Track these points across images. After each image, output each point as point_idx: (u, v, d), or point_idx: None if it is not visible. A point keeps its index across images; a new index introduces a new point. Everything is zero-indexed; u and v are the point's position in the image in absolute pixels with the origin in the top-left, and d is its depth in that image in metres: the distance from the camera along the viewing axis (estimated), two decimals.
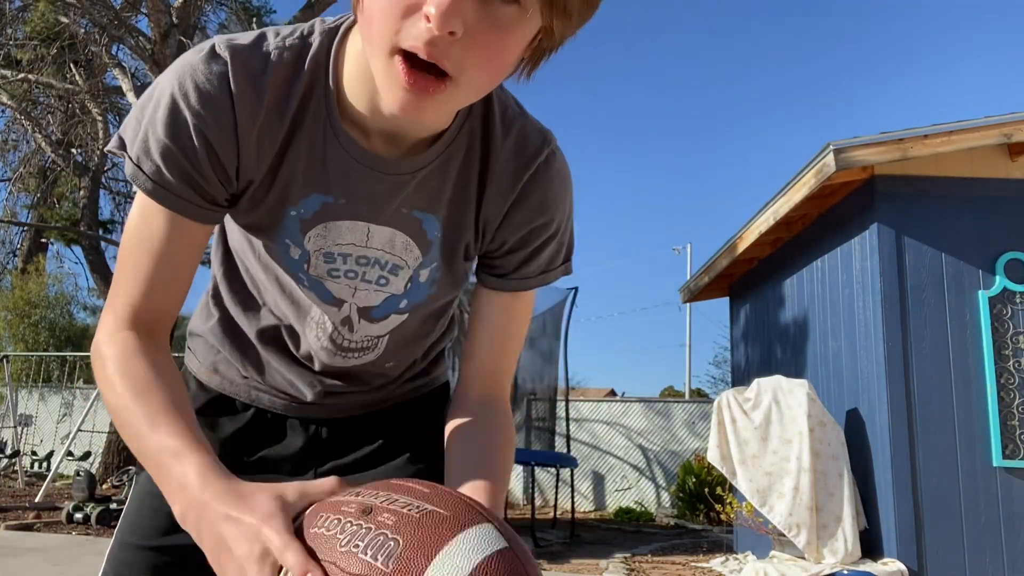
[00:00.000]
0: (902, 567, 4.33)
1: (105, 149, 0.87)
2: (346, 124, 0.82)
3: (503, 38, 0.67)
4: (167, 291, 0.82)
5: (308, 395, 1.01)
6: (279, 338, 0.99)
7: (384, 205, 0.86)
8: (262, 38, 0.80)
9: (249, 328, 0.99)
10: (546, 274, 0.95)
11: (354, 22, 0.80)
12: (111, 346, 0.79)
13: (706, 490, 8.93)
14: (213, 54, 0.77)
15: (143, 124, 0.77)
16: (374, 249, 0.89)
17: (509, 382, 0.98)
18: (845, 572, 4.37)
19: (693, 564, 6.15)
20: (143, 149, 0.77)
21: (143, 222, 0.80)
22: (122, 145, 0.79)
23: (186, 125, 0.76)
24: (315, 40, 0.81)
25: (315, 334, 0.96)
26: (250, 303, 0.98)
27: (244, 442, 1.03)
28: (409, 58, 0.67)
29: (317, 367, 0.99)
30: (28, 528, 6.61)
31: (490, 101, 0.87)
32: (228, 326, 1.01)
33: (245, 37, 0.80)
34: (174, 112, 0.75)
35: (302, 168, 0.83)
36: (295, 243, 0.87)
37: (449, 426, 0.93)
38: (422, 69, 0.67)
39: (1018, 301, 4.68)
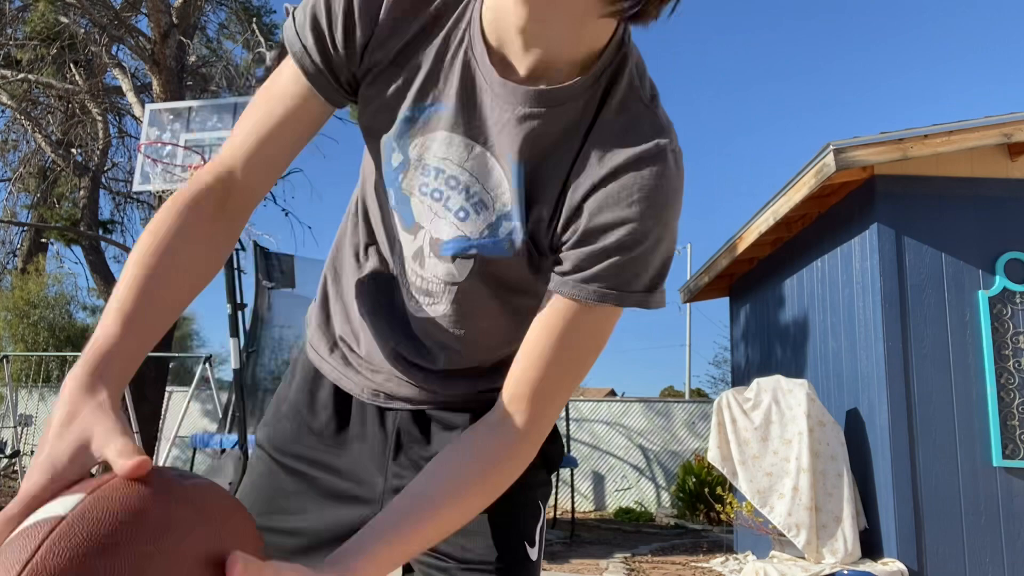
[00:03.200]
0: (902, 567, 4.33)
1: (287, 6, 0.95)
2: (484, 39, 0.81)
3: None
4: (265, 151, 0.85)
5: (383, 371, 1.02)
6: (377, 286, 0.99)
7: (495, 134, 0.83)
8: None
9: (358, 272, 1.01)
10: (614, 292, 0.81)
11: None
12: (190, 184, 0.84)
13: (706, 490, 8.93)
14: None
15: None
16: (467, 172, 0.84)
17: (543, 415, 0.85)
18: (845, 572, 4.37)
19: (693, 564, 6.15)
20: (302, 8, 0.84)
21: (277, 76, 0.86)
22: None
23: None
24: None
25: (398, 267, 0.97)
26: (367, 240, 1.00)
27: (328, 427, 1.06)
28: None
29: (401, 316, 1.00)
30: None
31: (619, 76, 0.83)
32: (341, 288, 1.05)
33: None
34: None
35: (428, 69, 0.83)
36: (399, 147, 0.87)
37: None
38: None
39: (1018, 301, 4.68)
